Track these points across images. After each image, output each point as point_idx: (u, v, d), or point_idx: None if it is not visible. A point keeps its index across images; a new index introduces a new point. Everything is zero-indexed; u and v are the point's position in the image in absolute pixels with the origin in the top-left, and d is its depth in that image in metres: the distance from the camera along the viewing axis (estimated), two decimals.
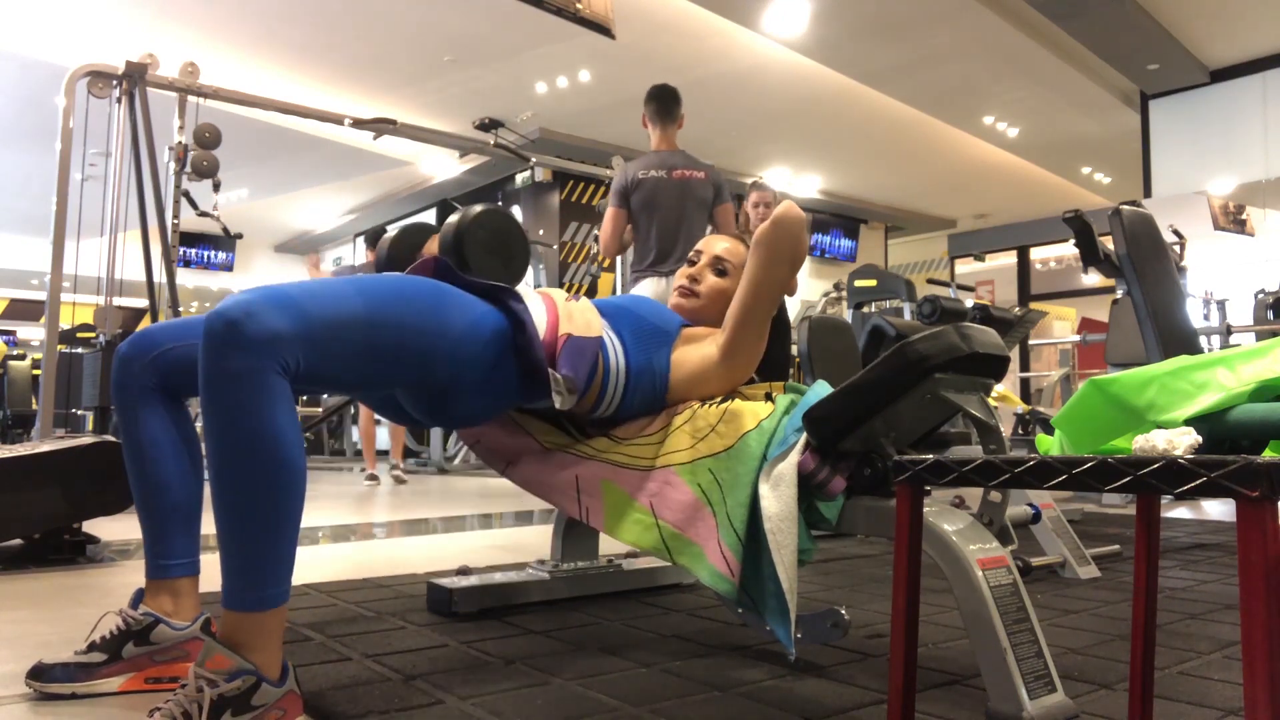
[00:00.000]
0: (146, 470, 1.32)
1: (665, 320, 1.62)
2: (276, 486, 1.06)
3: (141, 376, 1.32)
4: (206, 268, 13.42)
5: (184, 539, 1.33)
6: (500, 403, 1.44)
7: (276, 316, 1.07)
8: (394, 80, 7.83)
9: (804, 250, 1.52)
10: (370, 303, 1.21)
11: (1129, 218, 2.84)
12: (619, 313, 1.60)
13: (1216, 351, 2.48)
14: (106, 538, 2.66)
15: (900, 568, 0.96)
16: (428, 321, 1.27)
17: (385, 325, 1.22)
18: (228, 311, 1.05)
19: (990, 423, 1.30)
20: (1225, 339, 5.96)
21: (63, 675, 1.23)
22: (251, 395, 1.05)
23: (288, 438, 1.07)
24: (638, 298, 1.68)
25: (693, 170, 3.73)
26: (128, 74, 3.95)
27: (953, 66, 7.53)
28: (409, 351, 1.25)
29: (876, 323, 2.99)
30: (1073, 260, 11.44)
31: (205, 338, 1.05)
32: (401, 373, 1.27)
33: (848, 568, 2.37)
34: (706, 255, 1.73)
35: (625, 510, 1.47)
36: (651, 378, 1.55)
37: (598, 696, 1.23)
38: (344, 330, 1.16)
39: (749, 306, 1.51)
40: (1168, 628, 1.67)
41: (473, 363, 1.33)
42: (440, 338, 1.28)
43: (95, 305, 4.31)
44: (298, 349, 1.09)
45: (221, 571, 1.07)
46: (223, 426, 1.05)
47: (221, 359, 1.05)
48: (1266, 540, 0.69)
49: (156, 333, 1.35)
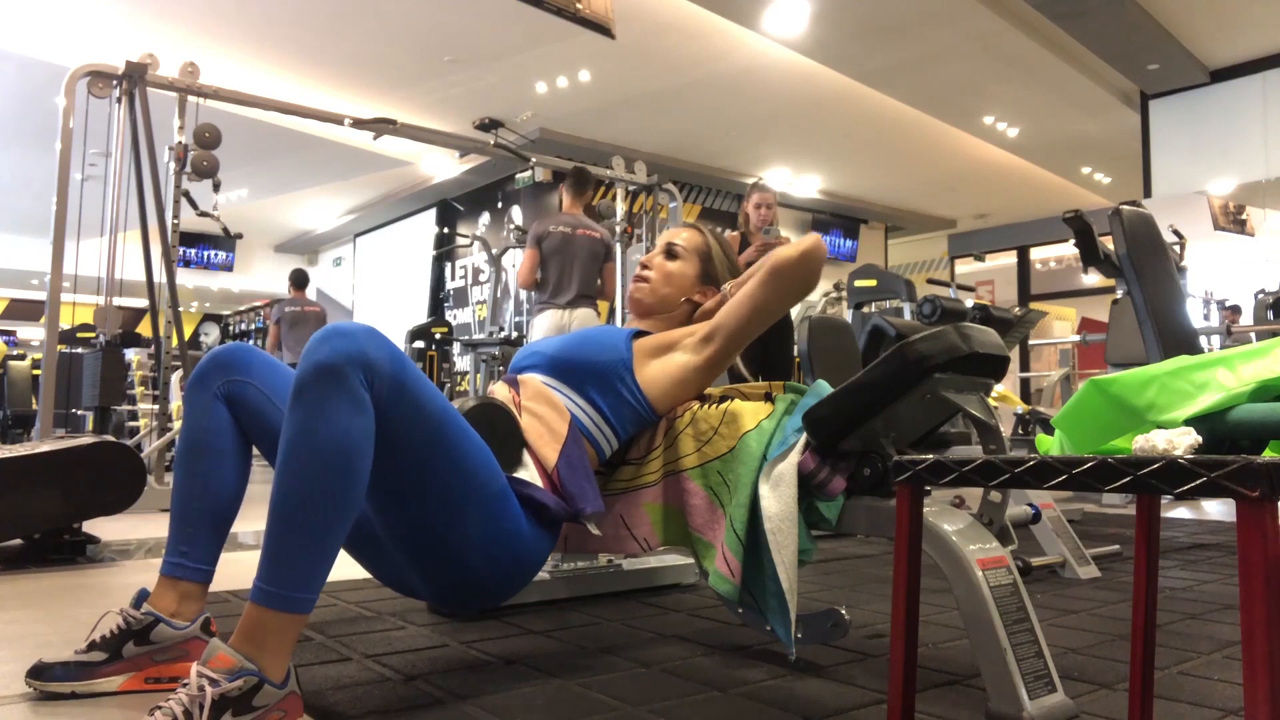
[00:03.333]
0: (199, 465, 1.33)
1: (615, 348, 1.57)
2: (340, 494, 1.08)
3: (224, 384, 1.35)
4: (206, 268, 13.43)
5: (211, 544, 1.32)
6: (528, 565, 1.41)
7: (379, 348, 1.13)
8: (394, 80, 7.83)
9: (815, 285, 1.54)
10: (448, 410, 1.24)
11: (1129, 218, 2.84)
12: (570, 368, 1.56)
13: (1216, 351, 2.48)
14: (106, 538, 2.66)
15: (900, 568, 0.96)
16: (482, 458, 1.28)
17: (453, 427, 1.24)
18: (339, 325, 1.12)
19: (990, 423, 1.30)
20: (1225, 339, 5.95)
21: (63, 674, 1.23)
22: (338, 399, 1.08)
23: (361, 450, 1.09)
24: (578, 338, 1.63)
25: (591, 230, 4.84)
26: (128, 74, 3.95)
27: (953, 66, 7.52)
28: (458, 466, 1.24)
29: (876, 323, 2.99)
30: (1073, 260, 11.44)
31: (312, 339, 1.11)
32: (447, 480, 1.24)
33: (848, 568, 2.37)
34: (660, 243, 1.76)
35: (669, 519, 1.52)
36: (632, 408, 1.55)
37: (598, 696, 1.23)
38: (420, 400, 1.19)
39: (745, 322, 1.52)
40: (1168, 628, 1.67)
41: (503, 518, 1.31)
42: (486, 482, 1.28)
43: (95, 305, 4.30)
44: (385, 386, 1.12)
45: (260, 565, 1.07)
46: (305, 423, 1.07)
47: (319, 356, 1.08)
48: (1266, 540, 0.69)
49: (257, 361, 1.38)
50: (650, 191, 5.90)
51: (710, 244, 1.75)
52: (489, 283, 6.51)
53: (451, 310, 10.91)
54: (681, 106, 8.29)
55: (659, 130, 8.96)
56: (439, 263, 11.10)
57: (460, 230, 10.68)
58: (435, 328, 6.79)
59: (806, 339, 3.11)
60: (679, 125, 8.86)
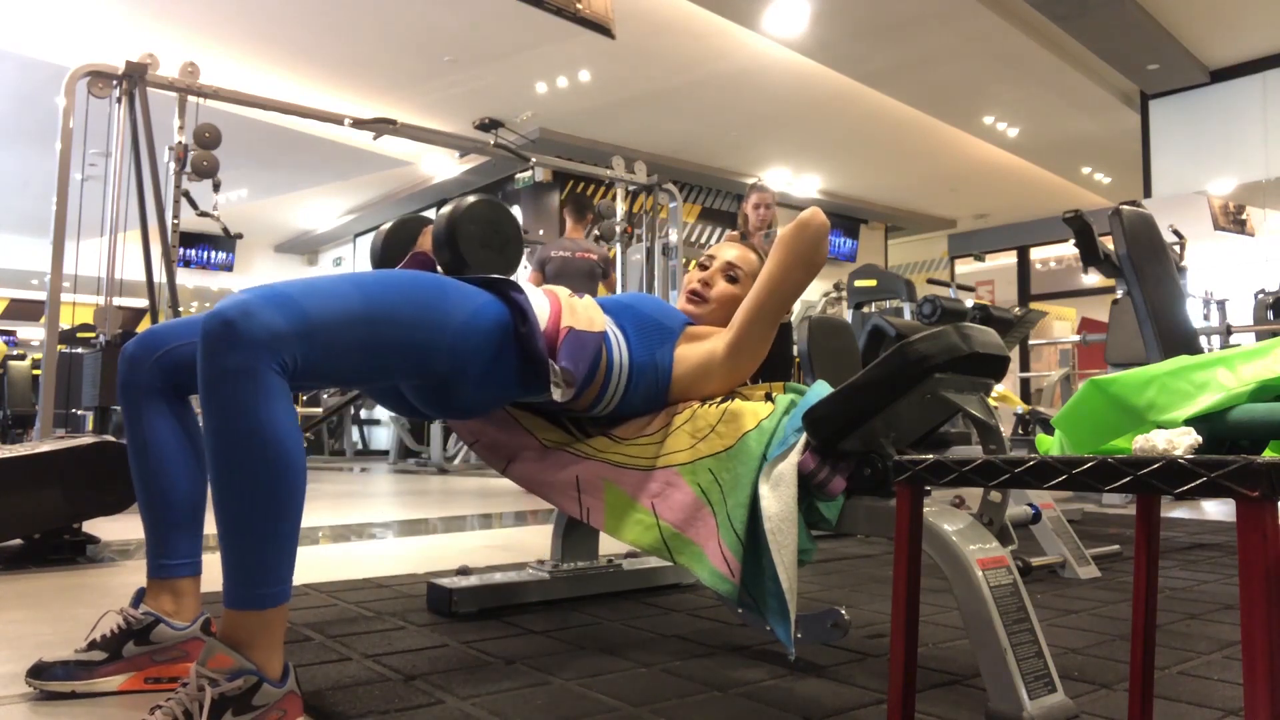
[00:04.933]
0: (150, 469, 1.32)
1: (669, 317, 1.62)
2: (276, 484, 1.06)
3: (147, 376, 1.32)
4: (206, 268, 13.41)
5: (186, 539, 1.33)
6: (502, 394, 1.44)
7: (274, 315, 1.08)
8: (394, 80, 7.82)
9: (824, 255, 1.53)
10: (369, 298, 1.21)
11: (1129, 218, 2.84)
12: (622, 309, 1.61)
13: (1217, 351, 2.48)
14: (106, 538, 2.66)
15: (900, 568, 0.96)
16: (427, 315, 1.27)
17: (384, 320, 1.22)
18: (225, 311, 1.06)
19: (990, 423, 1.30)
20: (1225, 339, 5.95)
21: (63, 674, 1.23)
22: (249, 394, 1.05)
23: (286, 435, 1.07)
24: (641, 295, 1.68)
25: (588, 253, 5.28)
26: (128, 74, 3.95)
27: (953, 66, 7.52)
28: (409, 345, 1.25)
29: (876, 323, 2.99)
30: (1073, 260, 11.44)
31: (203, 338, 1.06)
32: (401, 367, 1.27)
33: (848, 568, 2.37)
34: (719, 260, 1.72)
35: (626, 510, 1.47)
36: (655, 373, 1.55)
37: (598, 696, 1.23)
38: (343, 327, 1.16)
39: (762, 304, 1.51)
40: (1168, 628, 1.67)
41: (474, 354, 1.33)
42: (440, 330, 1.28)
43: (95, 305, 4.31)
44: (296, 347, 1.10)
45: (222, 570, 1.07)
46: (221, 425, 1.05)
47: (219, 358, 1.05)
48: (1266, 540, 0.69)
49: (161, 332, 1.35)
50: (650, 191, 5.91)
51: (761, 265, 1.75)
52: None
53: None
54: (681, 106, 8.29)
55: (659, 130, 8.96)
56: None
57: None
58: None
59: (806, 339, 3.11)
60: (679, 125, 8.86)
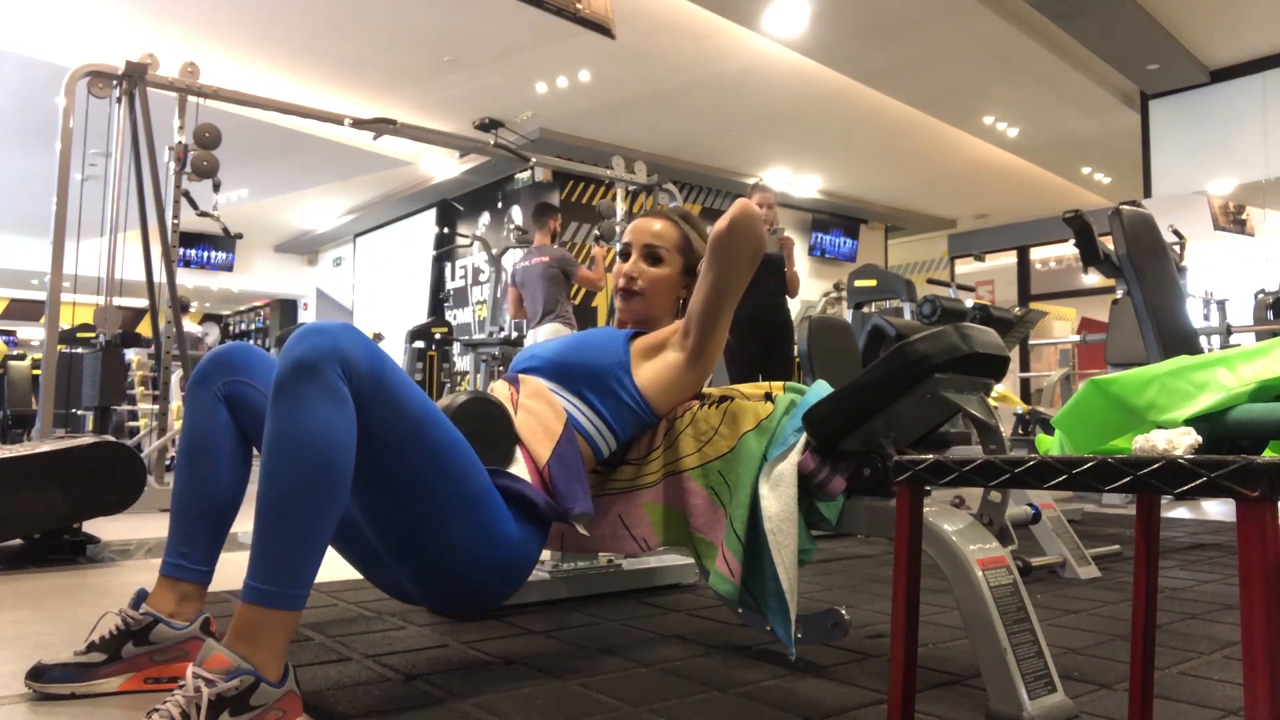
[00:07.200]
0: (199, 465, 1.32)
1: (612, 351, 1.56)
2: (317, 485, 1.08)
3: (226, 382, 1.35)
4: (206, 268, 13.42)
5: (210, 545, 1.32)
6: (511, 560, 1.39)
7: (357, 348, 1.13)
8: (394, 80, 7.82)
9: (763, 245, 1.47)
10: (428, 407, 1.24)
11: (1129, 218, 2.84)
12: (568, 372, 1.55)
13: (1217, 351, 2.47)
14: (106, 538, 2.66)
15: (900, 568, 0.96)
16: (464, 454, 1.27)
17: (434, 427, 1.23)
18: (316, 323, 1.13)
19: (990, 423, 1.30)
20: (1225, 339, 5.95)
21: (62, 675, 1.23)
22: (316, 393, 1.08)
23: (339, 443, 1.09)
24: (580, 340, 1.62)
25: (541, 257, 5.39)
26: (128, 74, 3.95)
27: (953, 66, 7.52)
28: (445, 467, 1.24)
29: (876, 323, 2.99)
30: (1073, 260, 11.43)
31: (290, 338, 1.11)
32: (430, 479, 1.23)
33: (848, 568, 2.37)
34: (637, 245, 1.67)
35: (669, 519, 1.52)
36: (631, 410, 1.53)
37: (598, 696, 1.23)
38: (404, 400, 1.19)
39: (714, 306, 1.48)
40: (1168, 628, 1.67)
41: (485, 518, 1.30)
42: (471, 479, 1.27)
43: (95, 305, 4.30)
44: (364, 383, 1.13)
45: (249, 562, 1.07)
46: (286, 414, 1.08)
47: (298, 354, 1.09)
48: (1266, 540, 0.69)
49: (258, 361, 1.38)
50: (650, 191, 5.90)
51: (686, 233, 1.69)
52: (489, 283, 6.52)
53: (451, 310, 10.90)
54: (681, 106, 8.29)
55: (659, 130, 8.96)
56: (439, 263, 11.09)
57: (460, 230, 10.66)
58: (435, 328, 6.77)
59: (806, 339, 3.11)
60: (679, 125, 8.85)
